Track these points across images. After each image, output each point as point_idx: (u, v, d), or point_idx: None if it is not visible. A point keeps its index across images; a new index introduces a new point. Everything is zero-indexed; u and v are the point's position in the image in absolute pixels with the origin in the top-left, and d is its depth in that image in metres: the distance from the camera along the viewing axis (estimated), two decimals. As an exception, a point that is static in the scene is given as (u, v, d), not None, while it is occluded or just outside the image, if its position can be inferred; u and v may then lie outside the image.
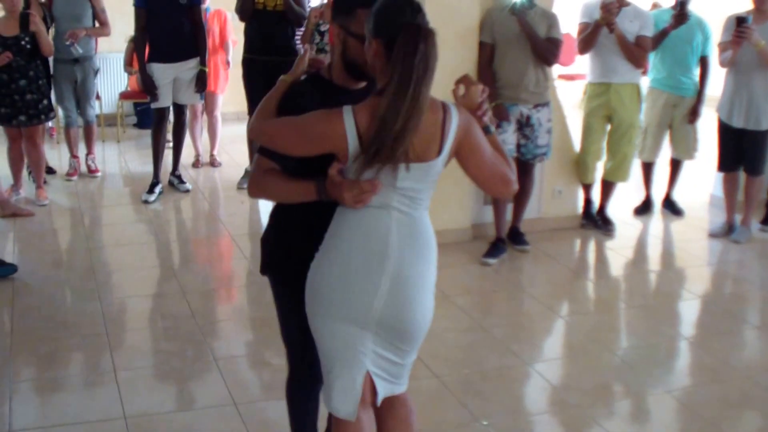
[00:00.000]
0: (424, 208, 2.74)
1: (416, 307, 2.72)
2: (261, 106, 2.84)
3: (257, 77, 7.51)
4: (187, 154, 8.29)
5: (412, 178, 2.63)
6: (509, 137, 5.95)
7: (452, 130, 2.66)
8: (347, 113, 2.57)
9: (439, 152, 2.65)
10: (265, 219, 6.93)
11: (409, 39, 2.51)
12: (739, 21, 6.15)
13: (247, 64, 7.57)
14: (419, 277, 2.72)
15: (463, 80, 2.80)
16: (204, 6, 8.17)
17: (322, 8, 7.12)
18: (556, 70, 7.27)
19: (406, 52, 2.51)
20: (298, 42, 7.65)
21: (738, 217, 6.84)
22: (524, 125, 5.96)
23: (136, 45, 7.31)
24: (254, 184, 2.82)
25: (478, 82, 2.78)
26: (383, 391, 2.85)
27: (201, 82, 7.30)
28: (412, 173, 2.61)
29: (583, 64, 6.85)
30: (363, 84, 2.82)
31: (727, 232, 6.81)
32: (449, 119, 2.66)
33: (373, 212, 2.65)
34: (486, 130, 2.80)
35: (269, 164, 2.76)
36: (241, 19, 7.49)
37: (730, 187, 6.87)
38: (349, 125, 2.57)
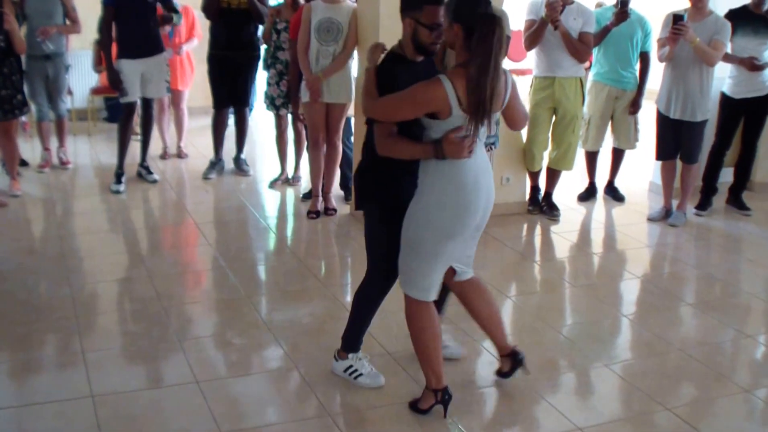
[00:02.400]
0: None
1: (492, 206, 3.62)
2: (366, 92, 3.51)
3: (223, 72, 7.48)
4: (155, 147, 8.22)
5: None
6: (461, 127, 5.96)
7: (509, 88, 3.49)
8: (445, 81, 3.26)
9: (503, 104, 3.50)
10: (229, 207, 6.98)
11: (487, 25, 3.20)
12: (676, 18, 6.20)
13: (213, 60, 7.52)
14: (492, 190, 3.59)
15: None
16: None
17: (278, 7, 7.06)
18: (507, 65, 7.27)
19: (485, 36, 3.19)
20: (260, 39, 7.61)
21: (675, 203, 6.93)
22: None
23: (102, 42, 7.21)
24: (382, 145, 3.47)
25: None
26: (462, 275, 3.86)
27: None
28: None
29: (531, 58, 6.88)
30: (422, 58, 3.58)
31: (665, 216, 6.89)
32: (508, 80, 3.48)
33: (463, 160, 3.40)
34: None
35: (390, 128, 3.43)
36: (207, 17, 7.45)
37: (667, 175, 6.95)
38: (449, 89, 3.26)
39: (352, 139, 6.84)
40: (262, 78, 7.58)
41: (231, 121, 7.96)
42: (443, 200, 3.43)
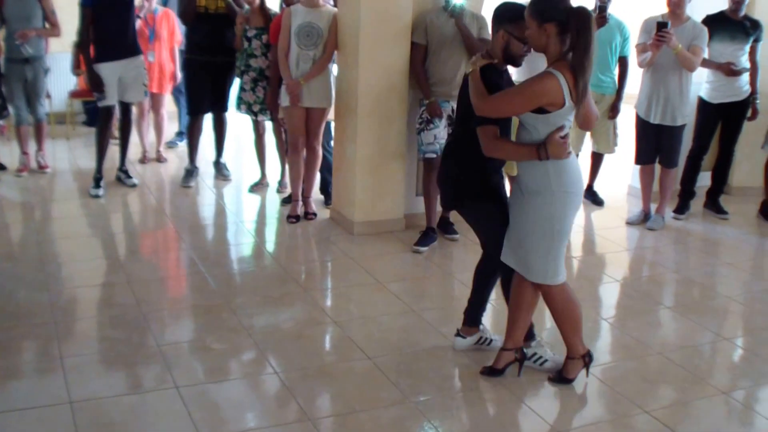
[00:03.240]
0: None
1: None
2: (476, 92, 3.77)
3: (202, 78, 7.39)
4: (134, 151, 8.19)
5: None
6: (441, 132, 5.98)
7: None
8: (557, 74, 3.59)
9: None
10: (208, 212, 6.97)
11: (584, 17, 3.56)
12: (660, 26, 6.23)
13: (191, 65, 7.46)
14: None
15: None
16: (152, 7, 8.05)
17: (247, 14, 7.00)
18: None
19: (583, 26, 3.54)
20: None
21: (653, 207, 6.97)
22: (455, 120, 6.00)
23: (81, 43, 7.16)
24: (490, 147, 3.82)
25: None
26: None
27: None
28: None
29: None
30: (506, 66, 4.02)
31: (644, 220, 6.94)
32: None
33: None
34: None
35: (495, 131, 3.80)
36: (184, 22, 7.39)
37: (646, 179, 6.99)
38: (562, 81, 3.58)
39: (332, 143, 6.84)
40: (235, 83, 7.50)
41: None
42: (570, 190, 3.83)
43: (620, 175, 8.07)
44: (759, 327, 5.10)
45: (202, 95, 7.50)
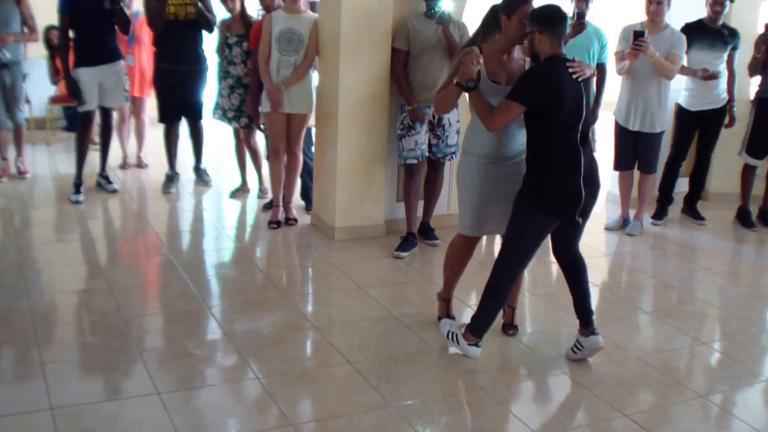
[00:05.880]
0: None
1: None
2: None
3: (170, 86, 7.34)
4: (115, 156, 8.17)
5: None
6: (422, 137, 6.00)
7: None
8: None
9: None
10: (189, 217, 6.95)
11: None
12: (636, 35, 6.28)
13: (161, 73, 7.42)
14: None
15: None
16: (133, 11, 8.02)
17: (228, 22, 7.01)
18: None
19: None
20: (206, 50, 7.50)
21: (632, 212, 7.02)
22: (436, 126, 6.03)
23: (59, 49, 7.14)
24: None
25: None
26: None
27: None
28: None
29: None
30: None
31: (622, 226, 7.00)
32: None
33: None
34: None
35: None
36: (154, 30, 7.29)
37: (624, 185, 7.05)
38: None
39: (313, 149, 6.85)
40: (213, 88, 7.45)
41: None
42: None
43: (599, 181, 8.12)
44: (735, 331, 5.16)
45: (174, 103, 7.48)
